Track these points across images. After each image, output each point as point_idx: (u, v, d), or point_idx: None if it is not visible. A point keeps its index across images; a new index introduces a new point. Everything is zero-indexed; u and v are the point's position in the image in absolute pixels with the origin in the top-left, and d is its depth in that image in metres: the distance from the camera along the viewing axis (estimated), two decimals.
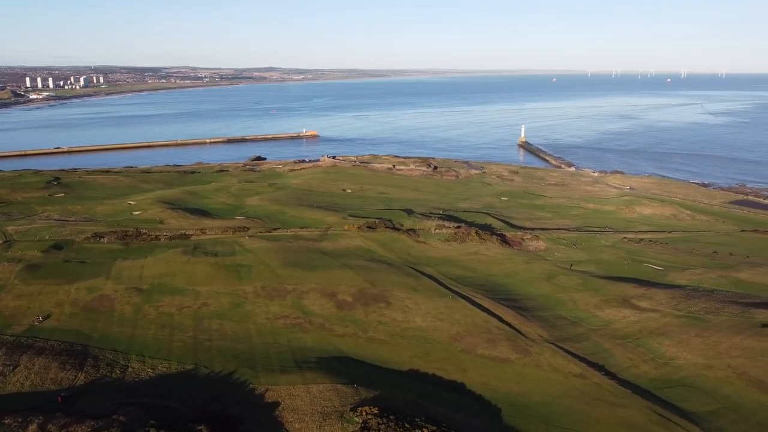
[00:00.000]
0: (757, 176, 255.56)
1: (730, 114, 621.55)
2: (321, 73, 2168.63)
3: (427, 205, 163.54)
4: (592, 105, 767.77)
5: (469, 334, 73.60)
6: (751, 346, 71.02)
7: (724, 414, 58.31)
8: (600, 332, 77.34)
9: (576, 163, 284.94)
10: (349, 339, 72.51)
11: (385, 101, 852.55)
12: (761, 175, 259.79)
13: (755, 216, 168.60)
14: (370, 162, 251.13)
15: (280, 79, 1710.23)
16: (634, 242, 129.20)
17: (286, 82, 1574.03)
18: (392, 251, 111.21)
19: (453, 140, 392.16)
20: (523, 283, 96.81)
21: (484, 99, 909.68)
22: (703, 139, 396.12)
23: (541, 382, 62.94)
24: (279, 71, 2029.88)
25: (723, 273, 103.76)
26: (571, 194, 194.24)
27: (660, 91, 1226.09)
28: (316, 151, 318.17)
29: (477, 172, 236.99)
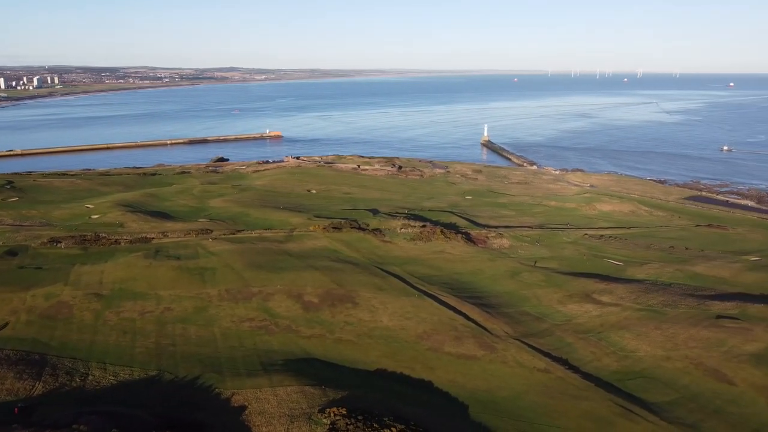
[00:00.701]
0: (710, 173, 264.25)
1: (684, 112, 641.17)
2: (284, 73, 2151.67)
3: (392, 205, 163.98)
4: (553, 104, 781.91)
5: (435, 332, 74.11)
6: (707, 337, 73.49)
7: (682, 403, 60.18)
8: (563, 327, 78.86)
9: (538, 162, 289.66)
10: (316, 340, 72.17)
11: (349, 101, 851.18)
12: (714, 171, 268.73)
13: (709, 211, 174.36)
14: (334, 162, 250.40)
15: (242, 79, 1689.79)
16: (595, 238, 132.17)
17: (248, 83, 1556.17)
18: (358, 251, 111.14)
19: (417, 140, 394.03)
20: (488, 281, 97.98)
21: (447, 99, 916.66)
22: (660, 137, 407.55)
23: (507, 377, 63.82)
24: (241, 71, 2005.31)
25: (679, 267, 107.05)
26: (533, 192, 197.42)
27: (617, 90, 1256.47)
28: (280, 151, 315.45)
29: (441, 171, 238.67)
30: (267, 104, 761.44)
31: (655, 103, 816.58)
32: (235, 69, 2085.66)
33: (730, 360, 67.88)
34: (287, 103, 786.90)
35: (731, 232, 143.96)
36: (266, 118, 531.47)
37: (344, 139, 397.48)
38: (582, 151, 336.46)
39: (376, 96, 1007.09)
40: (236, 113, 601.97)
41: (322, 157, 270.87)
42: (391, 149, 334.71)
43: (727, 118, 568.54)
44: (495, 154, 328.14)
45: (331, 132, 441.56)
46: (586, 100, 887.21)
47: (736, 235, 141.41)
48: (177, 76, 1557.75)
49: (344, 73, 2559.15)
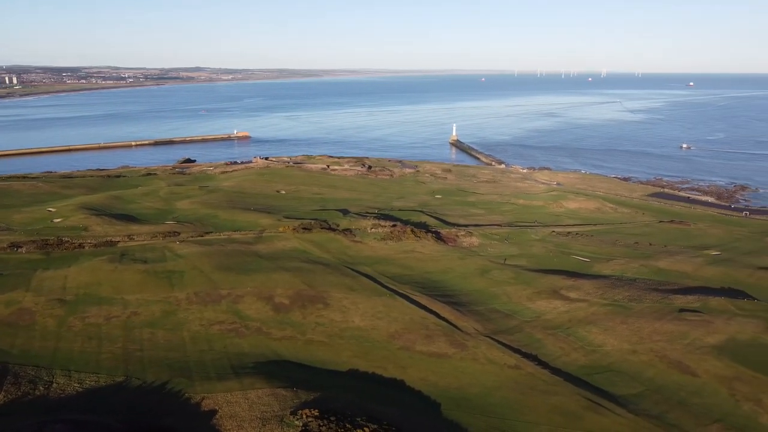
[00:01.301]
0: (672, 170, 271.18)
1: (647, 111, 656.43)
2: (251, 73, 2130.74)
3: (362, 205, 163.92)
4: (520, 104, 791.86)
5: (407, 331, 74.36)
6: (671, 330, 75.43)
7: (647, 395, 61.64)
8: (532, 323, 79.96)
9: (506, 161, 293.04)
10: (287, 342, 71.70)
11: (317, 101, 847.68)
12: (674, 168, 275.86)
13: (671, 208, 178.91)
14: (303, 162, 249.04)
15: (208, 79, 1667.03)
16: (562, 235, 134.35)
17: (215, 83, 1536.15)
18: (329, 252, 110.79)
19: (386, 140, 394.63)
20: (458, 279, 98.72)
21: (416, 99, 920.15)
22: (623, 135, 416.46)
23: (478, 374, 64.41)
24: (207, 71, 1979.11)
25: (644, 262, 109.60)
26: (502, 191, 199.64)
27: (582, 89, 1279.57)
28: (248, 152, 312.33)
29: (411, 170, 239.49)
30: (234, 104, 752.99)
31: (619, 102, 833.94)
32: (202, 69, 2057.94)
33: (692, 352, 69.79)
34: (255, 104, 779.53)
35: (692, 228, 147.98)
36: (234, 119, 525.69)
37: (313, 139, 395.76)
38: (548, 150, 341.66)
39: (344, 96, 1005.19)
40: (203, 114, 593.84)
41: (291, 157, 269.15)
42: (361, 149, 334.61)
43: (686, 117, 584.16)
44: (464, 154, 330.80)
45: (299, 132, 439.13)
46: (552, 99, 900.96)
47: (697, 230, 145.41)
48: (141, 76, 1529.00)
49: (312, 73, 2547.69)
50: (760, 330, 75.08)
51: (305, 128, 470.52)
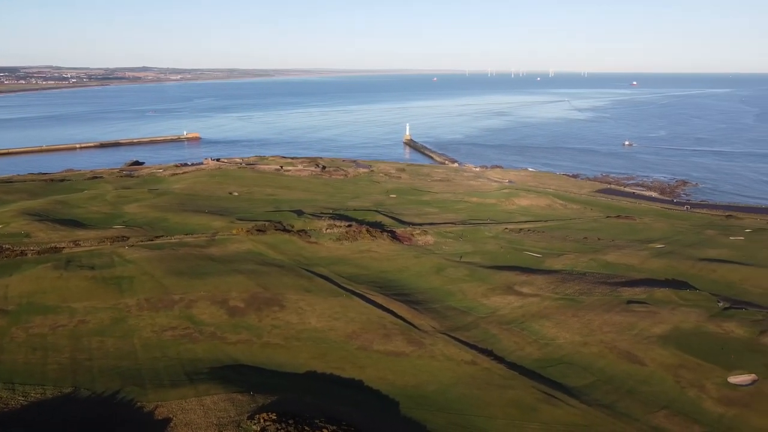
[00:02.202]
0: (617, 166, 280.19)
1: (593, 110, 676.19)
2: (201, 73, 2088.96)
3: (317, 205, 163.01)
4: (471, 103, 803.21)
5: (364, 331, 74.37)
6: (620, 321, 77.94)
7: (599, 386, 63.50)
8: (488, 319, 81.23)
9: (459, 159, 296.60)
10: (242, 346, 70.62)
11: (269, 101, 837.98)
12: (620, 165, 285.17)
13: (618, 203, 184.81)
14: (256, 163, 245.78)
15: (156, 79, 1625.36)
16: (515, 232, 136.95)
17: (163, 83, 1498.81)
18: (284, 253, 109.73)
19: (340, 139, 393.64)
20: (414, 278, 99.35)
21: (368, 98, 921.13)
22: (571, 133, 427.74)
23: (435, 372, 64.99)
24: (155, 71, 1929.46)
25: (593, 256, 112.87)
26: (455, 189, 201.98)
27: (531, 89, 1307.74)
28: (199, 153, 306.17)
29: (365, 170, 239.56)
30: (184, 105, 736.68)
31: (567, 101, 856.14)
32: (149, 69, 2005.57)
33: (640, 342, 72.28)
34: (205, 104, 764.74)
35: (638, 222, 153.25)
36: (183, 120, 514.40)
37: (266, 139, 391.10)
38: (500, 148, 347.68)
39: (297, 96, 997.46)
40: (151, 114, 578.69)
41: (244, 158, 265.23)
42: (314, 149, 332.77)
43: (630, 115, 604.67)
44: (417, 153, 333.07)
45: (251, 133, 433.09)
46: (503, 98, 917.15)
47: (642, 224, 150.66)
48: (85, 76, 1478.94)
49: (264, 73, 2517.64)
50: (703, 319, 78.41)
51: (257, 129, 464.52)
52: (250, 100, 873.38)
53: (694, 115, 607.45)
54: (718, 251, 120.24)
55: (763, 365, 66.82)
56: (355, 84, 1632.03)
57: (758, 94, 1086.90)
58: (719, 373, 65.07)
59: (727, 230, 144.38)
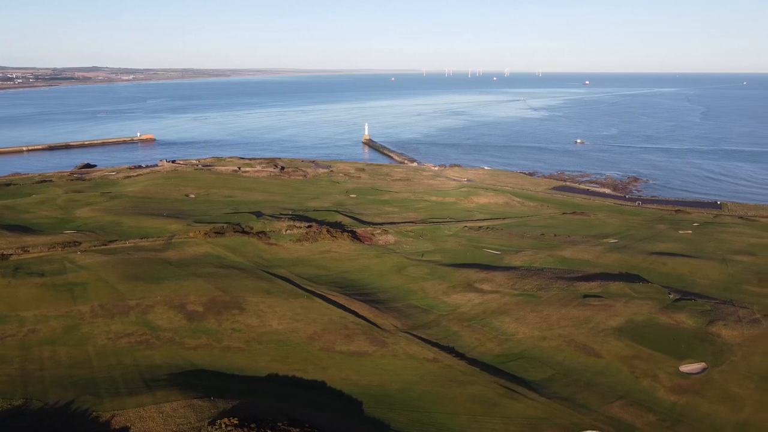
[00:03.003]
0: (571, 164, 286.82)
1: (548, 109, 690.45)
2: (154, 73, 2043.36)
3: (276, 206, 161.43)
4: (429, 102, 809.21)
5: (326, 332, 74.06)
6: (576, 315, 79.83)
7: (558, 379, 64.90)
8: (449, 317, 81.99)
9: (418, 159, 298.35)
10: (202, 351, 69.36)
11: (226, 101, 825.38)
12: (574, 163, 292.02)
13: (573, 200, 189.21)
14: (213, 165, 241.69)
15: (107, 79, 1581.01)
16: (474, 230, 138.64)
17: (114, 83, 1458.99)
18: (243, 255, 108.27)
19: (298, 140, 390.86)
20: (375, 277, 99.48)
21: (327, 98, 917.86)
22: (526, 132, 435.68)
23: (398, 370, 65.23)
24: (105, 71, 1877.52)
25: (550, 252, 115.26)
26: (415, 188, 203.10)
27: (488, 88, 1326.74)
28: (154, 155, 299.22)
29: (324, 170, 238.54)
30: (137, 106, 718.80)
31: (523, 100, 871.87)
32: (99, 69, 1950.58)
33: (596, 335, 74.20)
34: (159, 105, 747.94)
35: (592, 218, 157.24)
36: (137, 121, 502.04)
37: (223, 140, 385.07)
38: (458, 147, 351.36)
39: (254, 96, 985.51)
40: (103, 116, 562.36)
41: (200, 159, 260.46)
42: (273, 150, 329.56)
43: (583, 114, 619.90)
44: (376, 152, 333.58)
45: (208, 134, 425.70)
46: (460, 98, 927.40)
47: (596, 220, 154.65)
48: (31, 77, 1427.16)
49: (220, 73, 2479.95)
50: (655, 311, 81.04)
51: (214, 129, 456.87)
52: (206, 100, 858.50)
53: (643, 113, 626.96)
54: (669, 245, 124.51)
55: (712, 354, 69.55)
56: (314, 84, 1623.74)
57: (703, 93, 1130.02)
58: (671, 363, 67.41)
59: (676, 224, 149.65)
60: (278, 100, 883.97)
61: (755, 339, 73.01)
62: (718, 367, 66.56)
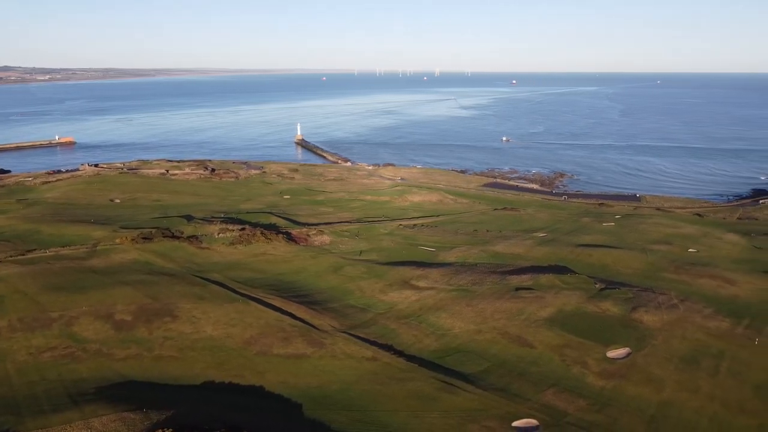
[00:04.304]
0: (501, 162, 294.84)
1: (477, 108, 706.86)
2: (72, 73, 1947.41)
3: (207, 209, 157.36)
4: (361, 102, 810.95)
5: (263, 335, 72.92)
6: (509, 308, 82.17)
7: (493, 370, 66.59)
8: (386, 315, 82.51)
9: (351, 158, 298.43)
10: (132, 361, 66.69)
11: (152, 102, 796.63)
12: (503, 160, 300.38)
13: (504, 196, 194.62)
14: (139, 168, 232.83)
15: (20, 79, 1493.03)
16: (409, 228, 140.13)
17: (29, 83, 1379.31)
18: (174, 261, 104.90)
19: (229, 141, 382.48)
20: (312, 278, 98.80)
21: (258, 98, 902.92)
22: (458, 130, 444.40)
23: (337, 371, 65.06)
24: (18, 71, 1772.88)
25: (483, 248, 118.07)
26: (349, 188, 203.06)
27: (419, 88, 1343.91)
28: (74, 159, 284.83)
29: (257, 172, 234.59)
30: (55, 107, 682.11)
31: (454, 99, 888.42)
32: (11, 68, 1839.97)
33: (529, 326, 76.65)
34: (80, 106, 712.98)
35: (522, 213, 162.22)
36: (55, 123, 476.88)
37: (149, 143, 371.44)
38: (391, 146, 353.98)
39: (182, 96, 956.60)
40: (18, 118, 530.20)
41: (125, 163, 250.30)
42: (203, 151, 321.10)
43: (510, 112, 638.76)
44: (310, 153, 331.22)
45: (133, 136, 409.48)
46: (392, 97, 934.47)
47: (526, 215, 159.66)
48: None
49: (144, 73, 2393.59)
50: (582, 300, 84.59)
51: (139, 131, 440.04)
52: (130, 101, 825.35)
53: (566, 111, 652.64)
54: (593, 237, 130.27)
55: (635, 339, 73.32)
56: (243, 84, 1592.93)
57: (621, 92, 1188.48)
58: (599, 350, 70.57)
59: (600, 217, 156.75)
60: (207, 100, 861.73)
61: (673, 323, 77.55)
62: (641, 351, 70.22)
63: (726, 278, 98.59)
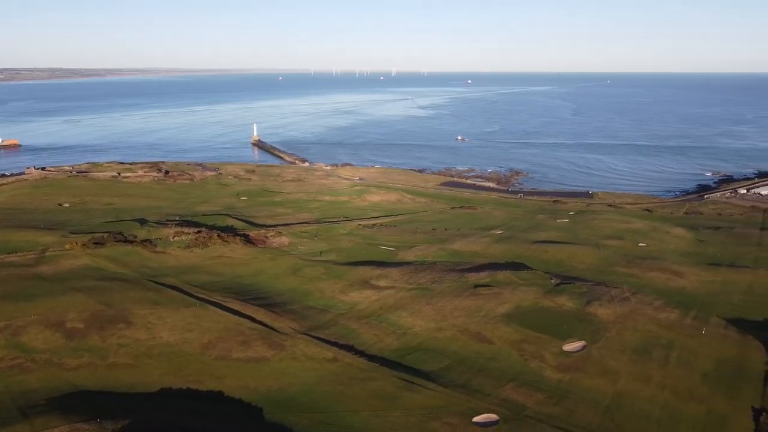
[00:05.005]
0: (458, 161, 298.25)
1: (434, 107, 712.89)
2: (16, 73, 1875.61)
3: (162, 213, 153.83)
4: (319, 102, 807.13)
5: (221, 340, 71.74)
6: (468, 305, 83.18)
7: (454, 367, 67.29)
8: (347, 315, 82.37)
9: (309, 159, 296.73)
10: (85, 370, 64.59)
11: (103, 103, 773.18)
12: (460, 160, 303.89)
13: (461, 194, 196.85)
14: (89, 171, 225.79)
15: None
16: (368, 228, 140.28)
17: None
18: (127, 266, 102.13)
19: (183, 142, 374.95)
20: (271, 280, 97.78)
21: (213, 98, 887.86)
22: (415, 130, 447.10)
23: (298, 373, 64.59)
24: None
25: (441, 246, 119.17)
26: (307, 189, 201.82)
27: (376, 88, 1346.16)
28: (20, 162, 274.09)
29: (212, 173, 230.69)
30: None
31: (411, 99, 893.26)
32: None
33: (487, 322, 77.77)
34: (25, 107, 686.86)
35: (479, 211, 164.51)
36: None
37: (100, 145, 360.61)
38: (349, 146, 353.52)
39: (133, 97, 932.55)
40: None
41: (74, 166, 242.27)
42: (156, 153, 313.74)
43: (466, 111, 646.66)
44: (267, 154, 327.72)
45: (83, 138, 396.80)
46: (349, 97, 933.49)
47: (483, 213, 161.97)
48: None
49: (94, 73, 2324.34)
50: (539, 296, 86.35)
51: (89, 133, 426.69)
52: (79, 102, 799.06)
53: (520, 110, 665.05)
54: (548, 233, 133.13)
55: (590, 332, 75.30)
56: (198, 84, 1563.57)
57: (574, 91, 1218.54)
58: (555, 344, 72.16)
59: (554, 214, 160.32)
60: (160, 100, 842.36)
61: (626, 316, 79.98)
62: (596, 344, 72.17)
63: (674, 271, 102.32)
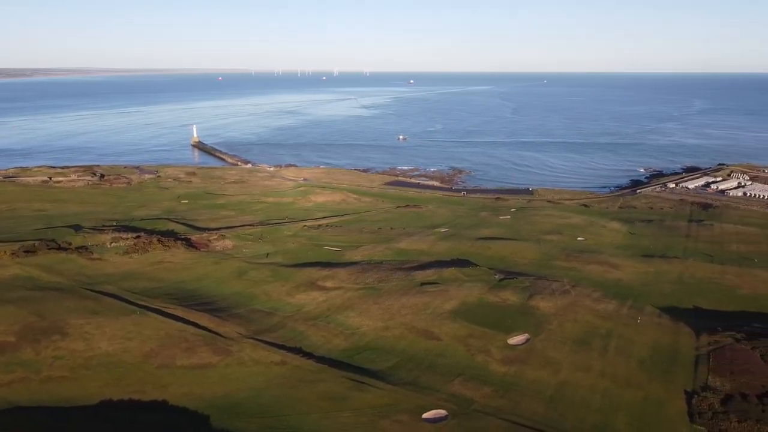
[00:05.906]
0: (401, 160, 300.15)
1: (378, 107, 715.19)
2: None
3: (98, 218, 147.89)
4: (260, 102, 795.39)
5: (164, 347, 69.67)
6: (416, 303, 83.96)
7: (402, 365, 67.79)
8: (294, 317, 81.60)
9: (252, 160, 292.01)
10: (18, 385, 61.38)
11: (30, 104, 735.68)
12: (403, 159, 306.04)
13: (406, 193, 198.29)
14: (18, 176, 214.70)
15: None
16: (314, 228, 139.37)
17: None
18: (61, 275, 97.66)
19: (120, 144, 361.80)
20: (214, 284, 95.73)
21: (149, 99, 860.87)
22: (358, 130, 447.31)
23: (245, 378, 63.51)
24: None
25: (388, 245, 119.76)
26: (251, 190, 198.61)
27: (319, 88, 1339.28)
28: None
29: (151, 176, 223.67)
30: None
31: (354, 98, 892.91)
32: None
33: (435, 319, 78.73)
34: None
35: (424, 210, 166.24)
36: None
37: (29, 148, 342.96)
38: (293, 147, 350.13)
39: (64, 98, 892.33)
40: None
41: (1, 171, 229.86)
42: (90, 157, 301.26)
43: (409, 111, 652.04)
44: (207, 155, 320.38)
45: (9, 141, 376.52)
46: (291, 97, 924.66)
47: (428, 212, 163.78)
48: None
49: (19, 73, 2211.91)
50: (484, 291, 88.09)
51: (16, 136, 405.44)
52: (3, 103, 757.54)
53: (461, 110, 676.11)
54: (492, 230, 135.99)
55: (533, 325, 77.42)
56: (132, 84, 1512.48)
57: (513, 91, 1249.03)
58: (501, 338, 73.83)
59: (497, 211, 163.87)
60: (93, 101, 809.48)
61: (566, 308, 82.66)
62: (539, 336, 74.27)
63: (611, 263, 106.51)
